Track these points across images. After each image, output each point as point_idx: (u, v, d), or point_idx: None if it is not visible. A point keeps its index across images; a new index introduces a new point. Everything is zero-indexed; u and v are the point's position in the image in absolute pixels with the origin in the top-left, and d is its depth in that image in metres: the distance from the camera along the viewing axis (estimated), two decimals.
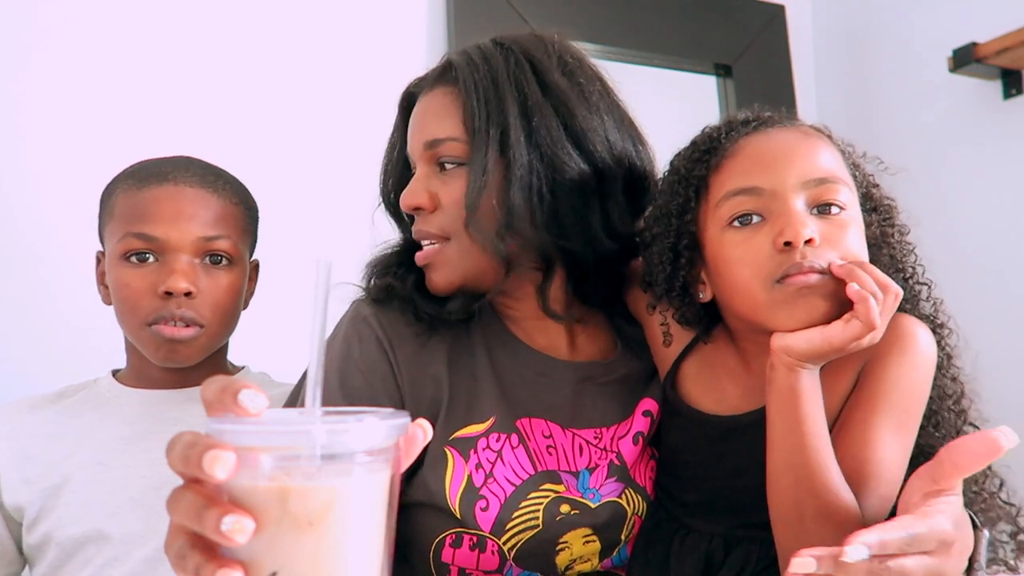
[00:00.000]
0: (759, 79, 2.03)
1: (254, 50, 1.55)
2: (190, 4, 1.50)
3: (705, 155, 0.76)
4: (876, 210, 0.78)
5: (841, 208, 0.71)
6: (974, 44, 1.65)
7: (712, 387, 0.81)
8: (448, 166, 0.81)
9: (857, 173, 0.77)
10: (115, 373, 1.04)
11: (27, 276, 1.33)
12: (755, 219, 0.71)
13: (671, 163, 0.81)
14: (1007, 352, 1.68)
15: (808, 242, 0.68)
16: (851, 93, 2.07)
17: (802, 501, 0.67)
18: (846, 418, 0.72)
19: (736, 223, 0.72)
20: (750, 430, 0.75)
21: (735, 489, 0.77)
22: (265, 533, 0.40)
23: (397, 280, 0.85)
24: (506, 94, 0.79)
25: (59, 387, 1.03)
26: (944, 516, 0.59)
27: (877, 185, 0.79)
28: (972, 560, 0.68)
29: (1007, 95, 1.72)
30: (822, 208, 0.70)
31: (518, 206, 0.78)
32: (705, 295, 0.78)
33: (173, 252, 0.93)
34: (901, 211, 0.80)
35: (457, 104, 0.81)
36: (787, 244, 0.68)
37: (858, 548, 0.54)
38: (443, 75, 0.83)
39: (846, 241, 0.70)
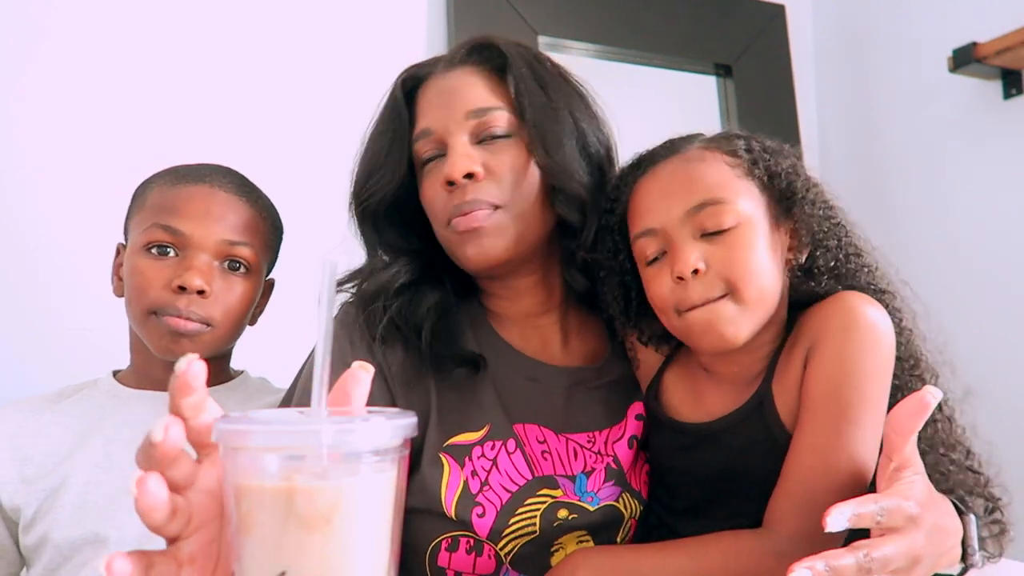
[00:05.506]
0: (759, 79, 2.03)
1: (253, 51, 1.54)
2: (190, 8, 1.50)
3: (615, 203, 0.81)
4: (813, 202, 0.77)
5: (732, 226, 0.72)
6: (974, 44, 1.65)
7: (690, 396, 0.83)
8: (496, 136, 0.81)
9: (765, 176, 0.76)
10: (116, 374, 1.03)
11: (27, 276, 1.33)
12: (661, 256, 0.75)
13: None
14: (1007, 351, 1.68)
15: (696, 272, 0.71)
16: (851, 93, 2.07)
17: None
18: (803, 423, 0.72)
19: (649, 261, 0.77)
20: (724, 435, 0.77)
21: (721, 492, 0.78)
22: (272, 533, 0.40)
23: (403, 319, 0.82)
24: (540, 69, 0.85)
25: (58, 388, 1.02)
26: (907, 494, 0.61)
27: (803, 178, 0.77)
28: (965, 545, 0.69)
29: (1007, 95, 1.72)
30: (711, 231, 0.73)
31: (573, 170, 0.82)
32: None
33: (195, 249, 0.93)
34: (833, 197, 0.80)
35: (493, 79, 0.83)
36: (680, 278, 0.71)
37: (837, 517, 0.56)
38: (469, 56, 0.85)
39: (739, 257, 0.72)
